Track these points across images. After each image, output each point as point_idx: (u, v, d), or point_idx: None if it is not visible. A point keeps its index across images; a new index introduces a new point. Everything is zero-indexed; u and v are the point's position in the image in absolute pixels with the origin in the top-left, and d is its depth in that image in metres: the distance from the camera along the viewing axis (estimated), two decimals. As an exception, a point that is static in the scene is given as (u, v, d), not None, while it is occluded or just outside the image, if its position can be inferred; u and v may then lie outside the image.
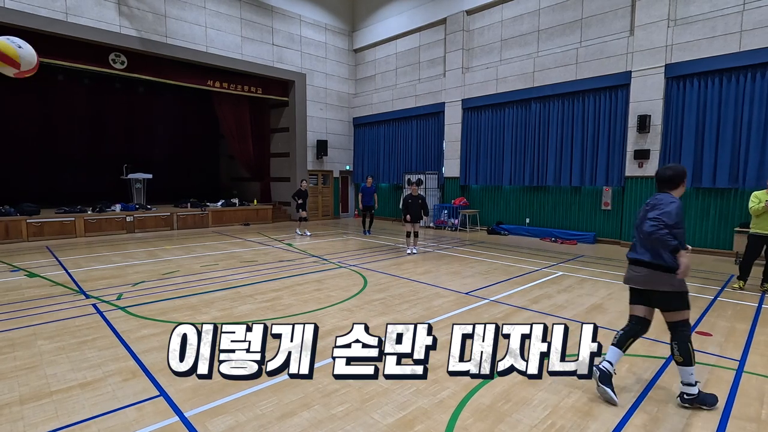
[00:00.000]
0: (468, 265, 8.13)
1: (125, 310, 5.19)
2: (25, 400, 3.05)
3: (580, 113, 11.35)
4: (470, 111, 13.88)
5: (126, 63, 12.38)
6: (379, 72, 17.26)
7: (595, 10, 11.02)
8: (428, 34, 15.22)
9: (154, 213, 13.31)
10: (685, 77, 9.58)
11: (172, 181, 17.88)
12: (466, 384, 3.33)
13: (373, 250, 9.82)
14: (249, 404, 3.01)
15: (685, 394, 2.98)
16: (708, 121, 9.31)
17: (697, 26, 9.30)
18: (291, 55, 15.99)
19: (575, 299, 5.81)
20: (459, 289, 6.32)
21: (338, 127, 17.93)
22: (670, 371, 3.59)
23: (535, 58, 12.10)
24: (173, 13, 12.85)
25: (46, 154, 15.33)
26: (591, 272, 7.58)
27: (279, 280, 6.78)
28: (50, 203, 13.84)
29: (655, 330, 4.59)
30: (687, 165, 9.55)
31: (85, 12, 11.22)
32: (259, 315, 5.03)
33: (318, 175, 17.27)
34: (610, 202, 11.01)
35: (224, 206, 15.32)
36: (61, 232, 11.40)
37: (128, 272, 7.33)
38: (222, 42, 13.99)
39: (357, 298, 5.78)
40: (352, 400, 3.08)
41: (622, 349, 3.16)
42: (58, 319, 4.84)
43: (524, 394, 3.19)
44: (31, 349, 3.95)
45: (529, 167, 12.45)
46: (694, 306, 5.48)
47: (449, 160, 14.53)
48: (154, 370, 3.53)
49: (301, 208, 12.27)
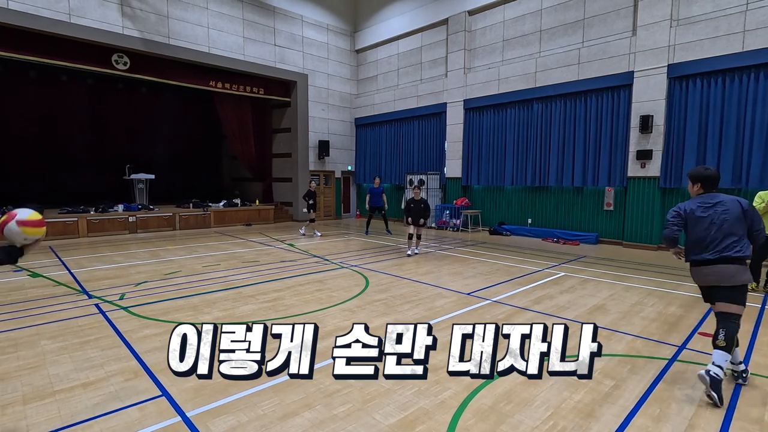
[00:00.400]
0: (470, 266, 8.12)
1: (128, 310, 5.21)
2: (28, 399, 3.06)
3: (583, 113, 11.32)
4: (472, 111, 13.87)
5: (129, 64, 12.43)
6: (381, 72, 17.27)
7: (598, 10, 11.00)
8: (430, 34, 15.22)
9: (157, 213, 13.35)
10: (687, 77, 9.55)
11: (175, 182, 17.93)
12: (468, 384, 3.32)
13: (374, 251, 9.82)
14: (251, 404, 3.02)
15: (713, 372, 3.00)
16: (711, 122, 9.28)
17: (700, 26, 9.27)
18: (293, 55, 16.01)
19: (577, 300, 5.79)
20: (461, 289, 6.32)
21: (340, 128, 17.95)
22: (672, 372, 3.58)
23: (537, 59, 12.08)
24: (176, 14, 12.89)
25: (49, 155, 15.39)
26: (593, 273, 7.56)
27: (281, 281, 6.79)
28: (53, 203, 13.89)
29: (658, 331, 4.59)
30: (690, 165, 9.52)
31: (88, 13, 11.26)
32: (261, 315, 5.04)
33: (320, 176, 17.28)
34: (613, 203, 10.98)
35: (226, 206, 15.35)
36: (64, 232, 11.45)
37: (131, 272, 7.35)
38: (224, 43, 14.03)
39: (359, 299, 5.78)
40: (354, 401, 3.09)
41: (731, 351, 3.14)
42: (61, 319, 4.86)
43: (526, 394, 3.19)
44: (34, 349, 3.97)
45: (531, 167, 12.43)
46: (698, 307, 5.47)
47: (451, 161, 14.52)
48: (156, 370, 3.54)
49: (312, 209, 12.31)
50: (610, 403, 3.07)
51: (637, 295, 6.05)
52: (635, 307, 5.50)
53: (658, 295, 6.10)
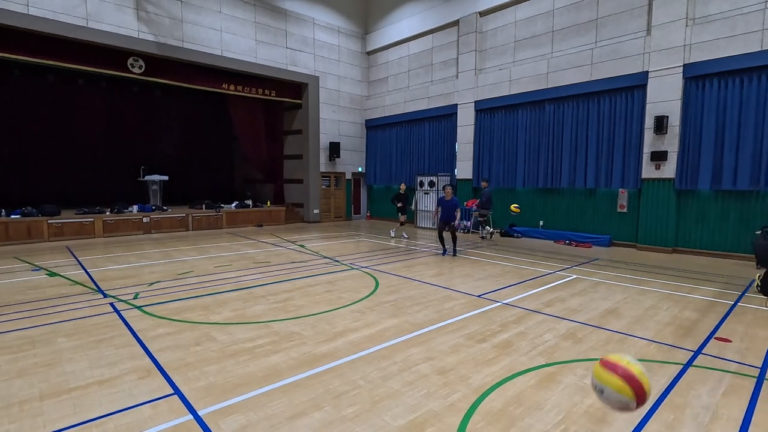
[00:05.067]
0: (480, 268, 8.07)
1: (141, 309, 5.29)
2: (44, 396, 3.13)
3: (595, 114, 11.18)
4: (483, 112, 13.80)
5: (144, 67, 12.65)
6: (392, 74, 17.29)
7: (611, 10, 10.86)
8: (441, 36, 15.19)
9: (170, 214, 13.54)
10: (704, 77, 9.37)
11: (188, 183, 18.21)
12: (478, 387, 3.30)
13: (384, 252, 9.82)
14: (260, 404, 3.04)
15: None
16: (728, 122, 9.09)
17: (717, 25, 9.09)
18: (304, 58, 16.12)
19: (589, 303, 5.72)
20: (471, 291, 6.28)
21: (351, 129, 18.01)
22: (687, 378, 3.51)
23: (549, 59, 11.98)
24: (189, 18, 13.09)
25: (66, 156, 15.75)
26: (606, 276, 7.45)
27: (291, 281, 6.83)
28: (70, 204, 14.19)
29: (672, 336, 4.50)
30: (706, 166, 9.35)
31: (105, 18, 11.49)
32: (271, 315, 5.08)
33: (330, 177, 17.35)
34: (626, 205, 10.81)
35: (238, 208, 15.51)
36: (80, 232, 11.68)
37: (144, 272, 7.47)
38: (237, 46, 14.19)
39: (368, 300, 5.79)
40: (363, 402, 3.09)
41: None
42: (77, 317, 4.96)
43: (536, 398, 3.16)
44: (51, 347, 4.06)
45: (543, 169, 12.31)
46: (714, 311, 5.36)
47: (462, 162, 14.47)
48: (169, 368, 3.59)
49: (401, 212, 12.45)
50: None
51: (651, 299, 5.94)
52: (649, 311, 5.40)
53: (673, 298, 5.99)
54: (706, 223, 9.61)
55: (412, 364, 3.72)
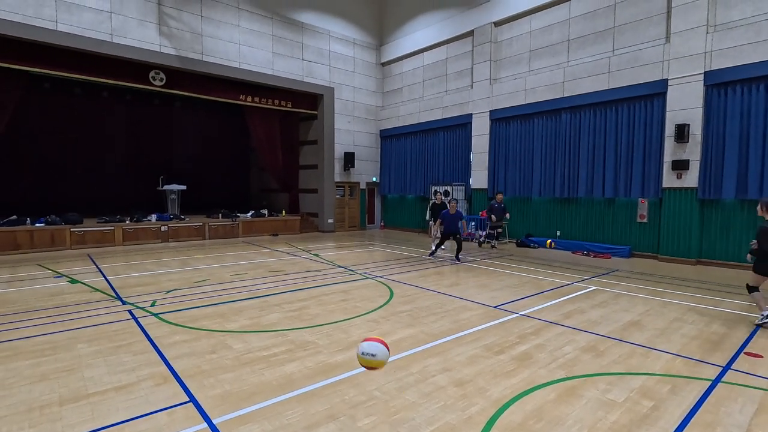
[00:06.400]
0: (497, 278, 7.95)
1: (158, 316, 5.35)
2: (64, 401, 3.17)
3: (614, 123, 11.01)
4: (498, 122, 13.74)
5: (165, 80, 13.00)
6: (407, 84, 17.39)
7: (629, 18, 10.75)
8: (456, 46, 15.25)
9: (187, 223, 13.76)
10: (726, 84, 9.16)
11: (205, 192, 18.51)
12: (496, 400, 3.22)
13: (398, 262, 9.77)
14: (275, 413, 3.02)
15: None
16: (753, 129, 8.84)
17: (740, 31, 8.91)
18: (320, 69, 16.36)
19: (610, 315, 5.56)
20: (487, 302, 6.18)
21: (365, 140, 18.12)
22: (716, 394, 3.36)
23: (565, 68, 11.89)
24: (209, 32, 13.44)
25: (89, 166, 16.23)
26: (627, 287, 7.25)
27: (306, 290, 6.83)
28: (92, 213, 14.55)
29: (699, 350, 4.34)
30: (730, 175, 9.08)
31: (128, 33, 11.88)
32: (286, 324, 5.07)
33: (345, 187, 17.44)
34: (647, 215, 10.56)
35: (254, 217, 15.67)
36: (101, 240, 11.95)
37: (162, 280, 7.57)
38: (254, 58, 14.49)
39: (383, 310, 5.74)
40: (379, 413, 3.04)
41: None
42: (97, 323, 5.03)
43: (557, 412, 3.06)
44: (71, 352, 4.12)
45: (560, 178, 12.14)
46: (743, 325, 5.15)
47: (477, 172, 14.38)
48: (185, 375, 3.60)
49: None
50: (649, 425, 2.90)
51: (675, 311, 5.75)
52: (673, 323, 5.22)
53: (699, 311, 5.78)
54: (732, 234, 9.30)
55: (428, 375, 3.65)
